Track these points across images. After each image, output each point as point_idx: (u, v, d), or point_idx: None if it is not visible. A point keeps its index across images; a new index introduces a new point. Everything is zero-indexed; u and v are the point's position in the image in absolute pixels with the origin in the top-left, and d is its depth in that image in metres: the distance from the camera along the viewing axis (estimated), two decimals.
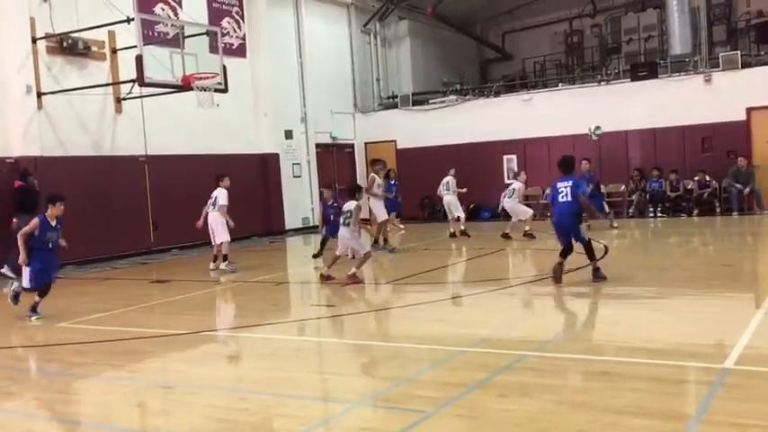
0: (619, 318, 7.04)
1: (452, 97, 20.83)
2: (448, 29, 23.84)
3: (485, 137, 19.50)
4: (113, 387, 5.68)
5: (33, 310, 8.06)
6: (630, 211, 17.88)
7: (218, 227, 11.50)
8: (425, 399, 4.62)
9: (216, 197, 11.63)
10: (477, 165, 19.35)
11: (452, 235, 14.97)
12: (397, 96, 21.76)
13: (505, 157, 19.66)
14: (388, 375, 5.37)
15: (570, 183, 8.58)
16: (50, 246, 7.97)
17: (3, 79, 12.56)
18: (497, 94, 20.76)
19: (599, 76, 20.05)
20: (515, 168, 18.39)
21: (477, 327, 6.83)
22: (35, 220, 7.90)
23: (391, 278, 10.75)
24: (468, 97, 20.81)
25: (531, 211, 14.15)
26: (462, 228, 14.97)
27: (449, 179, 15.32)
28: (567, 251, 8.60)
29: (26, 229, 7.87)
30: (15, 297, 8.27)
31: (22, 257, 7.81)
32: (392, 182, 15.53)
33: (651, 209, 17.63)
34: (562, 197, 8.57)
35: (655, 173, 17.67)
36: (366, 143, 21.64)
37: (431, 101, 21.11)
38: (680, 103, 17.35)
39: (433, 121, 20.57)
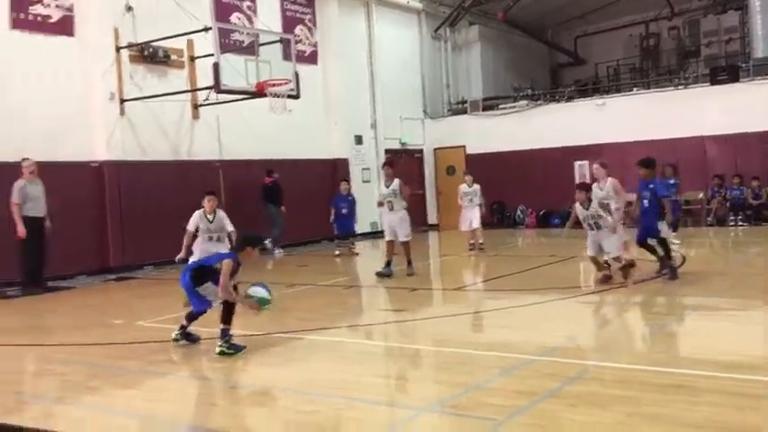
0: (694, 329, 6.83)
1: (523, 102, 20.60)
2: (519, 33, 23.62)
3: (556, 142, 19.20)
4: (187, 386, 5.86)
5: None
6: (709, 219, 17.29)
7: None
8: (495, 407, 4.59)
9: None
10: (547, 171, 19.09)
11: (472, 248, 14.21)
12: (466, 102, 21.68)
13: (577, 163, 19.30)
14: (457, 382, 5.37)
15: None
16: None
17: (88, 86, 13.14)
18: (569, 99, 20.43)
19: (676, 80, 19.47)
20: (587, 175, 18.00)
21: (548, 335, 6.74)
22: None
23: (459, 284, 10.71)
24: (539, 102, 20.56)
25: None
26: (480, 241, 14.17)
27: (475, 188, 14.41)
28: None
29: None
30: None
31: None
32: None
33: (732, 217, 17.00)
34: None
35: (735, 180, 17.04)
36: (435, 149, 21.64)
37: (501, 106, 20.95)
38: (763, 108, 16.67)
39: (503, 127, 20.39)
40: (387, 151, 20.14)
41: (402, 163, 20.82)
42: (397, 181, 11.11)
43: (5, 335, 8.02)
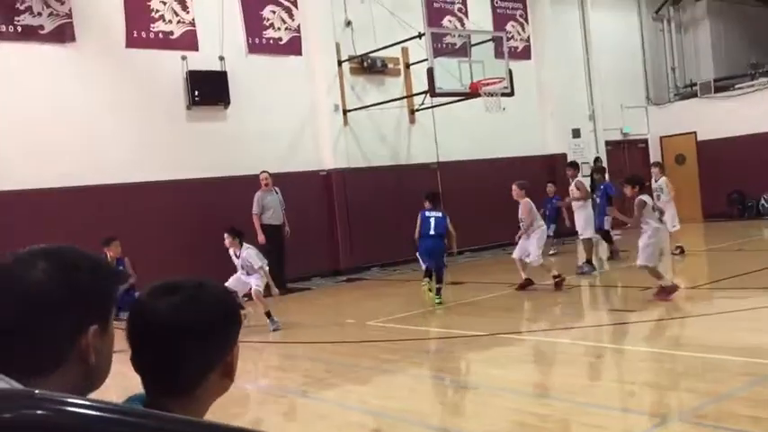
0: None
1: (763, 80, 18.54)
2: (755, 4, 21.30)
3: None
4: (418, 384, 6.02)
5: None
6: None
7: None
8: (748, 418, 4.16)
9: None
10: None
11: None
12: (696, 85, 19.99)
13: None
14: (701, 389, 4.94)
15: None
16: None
17: (316, 101, 14.06)
18: None
19: None
20: None
21: None
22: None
23: (698, 282, 9.90)
24: None
25: None
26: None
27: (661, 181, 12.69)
28: None
29: None
30: None
31: None
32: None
33: None
34: None
35: None
36: (661, 137, 20.23)
37: (737, 86, 19.04)
38: None
39: (740, 109, 18.50)
40: (607, 143, 19.23)
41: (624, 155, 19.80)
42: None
43: (255, 333, 8.79)
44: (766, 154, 17.43)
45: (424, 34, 12.94)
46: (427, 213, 9.50)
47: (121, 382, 1.50)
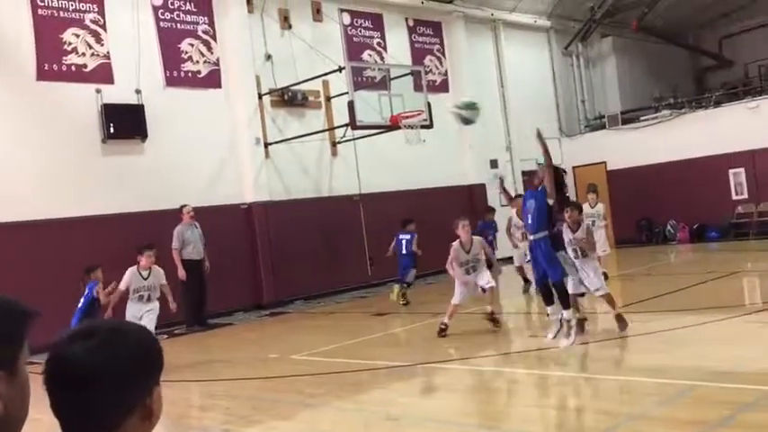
0: None
1: (666, 112, 19.63)
2: (656, 41, 22.59)
3: (705, 151, 18.07)
4: (342, 417, 5.99)
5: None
6: None
7: None
8: None
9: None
10: (698, 182, 18.00)
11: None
12: (604, 117, 20.97)
13: (731, 171, 18.08)
14: (616, 411, 5.13)
15: None
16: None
17: (236, 134, 13.97)
18: (717, 104, 19.22)
19: None
20: (743, 183, 16.88)
21: (713, 358, 6.30)
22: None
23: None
24: (683, 111, 19.50)
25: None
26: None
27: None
28: None
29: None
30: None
31: None
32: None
33: None
34: None
35: None
36: (574, 167, 21.02)
37: (642, 118, 20.07)
38: None
39: (646, 139, 19.49)
40: (523, 173, 19.84)
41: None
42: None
43: (175, 371, 8.57)
44: (671, 182, 18.40)
45: (344, 68, 13.11)
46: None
47: (37, 428, 1.46)
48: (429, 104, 13.73)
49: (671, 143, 18.76)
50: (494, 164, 19.07)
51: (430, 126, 13.76)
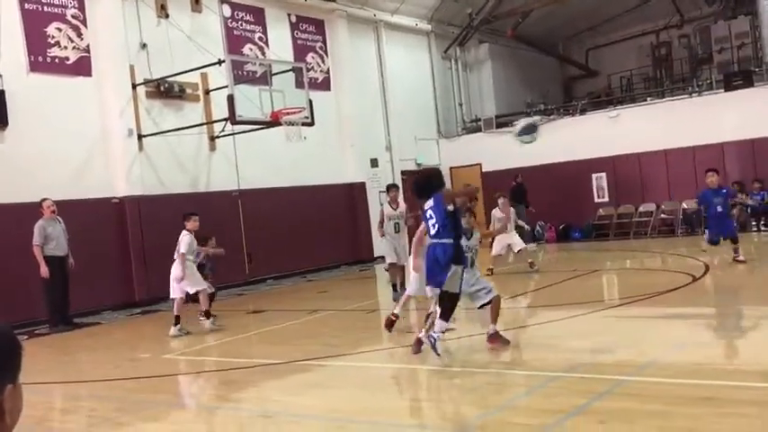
0: (720, 339, 6.74)
1: (536, 117, 20.63)
2: (529, 49, 23.70)
3: (571, 156, 19.17)
4: (216, 416, 5.89)
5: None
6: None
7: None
8: (522, 426, 4.58)
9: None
10: (564, 185, 19.06)
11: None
12: (480, 120, 21.74)
13: (594, 175, 19.27)
14: (483, 402, 5.35)
15: None
16: None
17: (107, 124, 13.36)
18: (583, 111, 20.43)
19: (690, 88, 19.42)
20: (605, 187, 18.04)
21: (572, 351, 6.70)
22: None
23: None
24: (552, 117, 20.57)
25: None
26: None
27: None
28: None
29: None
30: None
31: None
32: None
33: (754, 223, 16.82)
34: None
35: (756, 185, 16.89)
36: (451, 168, 21.66)
37: (514, 123, 20.99)
38: None
39: (517, 143, 20.41)
40: (403, 173, 20.21)
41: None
42: (403, 205, 11.25)
43: (35, 373, 8.09)
44: (539, 185, 19.34)
45: (224, 61, 12.85)
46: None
47: None
48: (311, 102, 13.70)
49: (540, 148, 19.76)
50: (374, 163, 19.32)
51: (311, 123, 13.75)
